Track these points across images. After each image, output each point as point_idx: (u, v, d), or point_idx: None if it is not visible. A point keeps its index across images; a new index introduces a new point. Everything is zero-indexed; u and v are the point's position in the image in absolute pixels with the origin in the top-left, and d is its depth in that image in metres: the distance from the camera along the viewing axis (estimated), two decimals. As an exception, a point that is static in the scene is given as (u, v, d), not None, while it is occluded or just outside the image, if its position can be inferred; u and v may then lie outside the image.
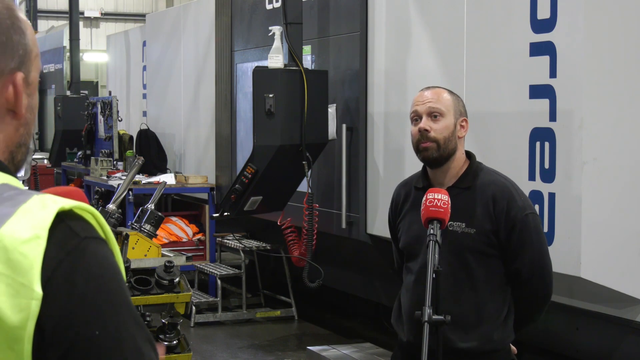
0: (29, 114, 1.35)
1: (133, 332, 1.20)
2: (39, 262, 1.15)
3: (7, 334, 1.14)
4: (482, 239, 3.19)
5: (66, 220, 1.20)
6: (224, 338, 7.56)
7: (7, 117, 1.33)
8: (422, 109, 3.27)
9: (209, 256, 8.90)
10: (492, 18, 5.24)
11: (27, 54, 1.34)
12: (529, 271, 3.20)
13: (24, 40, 1.33)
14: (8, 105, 1.32)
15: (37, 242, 1.16)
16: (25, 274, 1.15)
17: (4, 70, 1.31)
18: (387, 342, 6.91)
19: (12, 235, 1.16)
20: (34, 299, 1.14)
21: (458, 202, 3.19)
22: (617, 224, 4.65)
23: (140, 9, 23.42)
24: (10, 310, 1.14)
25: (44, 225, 1.17)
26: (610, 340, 5.04)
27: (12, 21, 1.32)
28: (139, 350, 1.20)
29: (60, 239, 1.18)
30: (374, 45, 6.42)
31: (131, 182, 5.38)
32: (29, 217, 1.18)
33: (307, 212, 6.66)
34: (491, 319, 3.22)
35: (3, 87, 1.31)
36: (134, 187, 8.53)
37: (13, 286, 1.14)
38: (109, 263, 1.22)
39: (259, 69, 6.58)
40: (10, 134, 1.34)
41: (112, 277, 1.21)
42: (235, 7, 8.39)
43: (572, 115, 4.64)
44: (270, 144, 6.50)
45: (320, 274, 6.70)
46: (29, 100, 1.35)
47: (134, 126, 11.18)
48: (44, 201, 1.20)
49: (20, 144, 1.35)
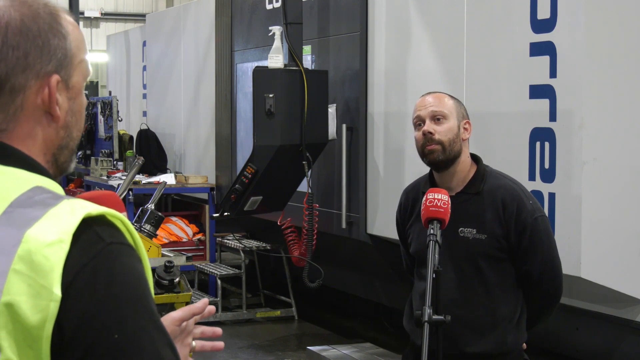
0: (69, 117, 1.39)
1: (154, 337, 1.22)
2: (60, 265, 1.18)
3: (26, 333, 1.18)
4: (494, 244, 3.21)
5: (93, 226, 1.23)
6: (224, 338, 7.48)
7: (45, 119, 1.36)
8: (424, 113, 3.28)
9: (209, 256, 8.89)
10: (492, 18, 5.24)
11: (67, 57, 1.37)
12: (540, 273, 3.23)
13: (64, 45, 1.37)
14: (44, 107, 1.36)
15: (60, 245, 1.19)
16: (46, 276, 1.18)
17: (40, 72, 1.34)
18: (387, 342, 6.92)
19: (37, 238, 1.20)
20: (52, 300, 1.17)
21: (468, 208, 3.22)
22: (617, 224, 4.65)
23: (140, 9, 23.42)
24: (30, 310, 1.18)
25: (69, 229, 1.20)
26: (610, 340, 5.04)
27: (51, 25, 1.36)
28: (159, 355, 1.22)
29: (85, 244, 1.21)
30: (374, 45, 6.42)
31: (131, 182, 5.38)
32: (56, 221, 1.21)
33: (307, 212, 6.66)
34: (505, 322, 3.25)
35: (40, 89, 1.35)
36: (134, 187, 8.53)
37: (34, 287, 1.18)
38: (133, 269, 1.24)
39: (259, 69, 6.57)
40: (50, 136, 1.37)
41: (135, 283, 1.23)
42: (235, 7, 8.39)
43: (572, 115, 4.64)
44: (270, 144, 6.50)
45: (320, 274, 6.70)
46: (70, 103, 1.38)
47: (134, 126, 11.18)
48: (73, 206, 1.24)
49: (62, 146, 1.39)
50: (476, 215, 3.23)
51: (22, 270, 1.18)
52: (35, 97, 1.34)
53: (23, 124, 1.35)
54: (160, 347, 1.22)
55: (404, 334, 3.56)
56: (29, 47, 1.33)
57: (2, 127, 1.34)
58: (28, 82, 1.34)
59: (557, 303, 3.36)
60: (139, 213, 4.47)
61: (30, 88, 1.34)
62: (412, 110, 3.38)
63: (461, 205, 3.21)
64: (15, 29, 1.33)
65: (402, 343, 6.27)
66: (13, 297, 1.18)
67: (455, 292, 3.21)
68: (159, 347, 1.22)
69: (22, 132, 1.35)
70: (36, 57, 1.34)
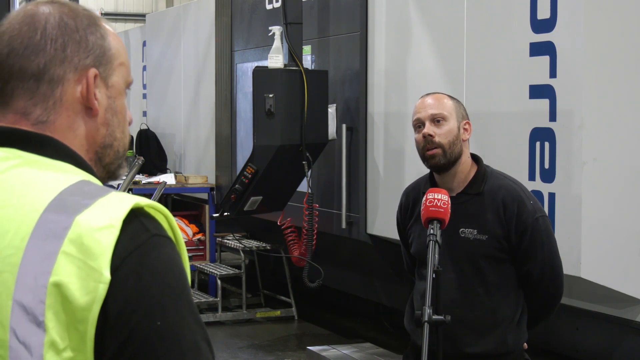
0: (109, 115, 1.41)
1: (193, 329, 1.24)
2: (110, 249, 1.21)
3: (74, 314, 1.20)
4: (495, 244, 3.21)
5: (140, 217, 1.26)
6: (224, 338, 7.56)
7: (85, 113, 1.39)
8: (424, 115, 3.29)
9: (209, 256, 8.89)
10: (492, 18, 5.24)
11: (105, 55, 1.40)
12: (541, 273, 3.23)
13: (102, 43, 1.40)
14: (83, 100, 1.38)
15: (110, 230, 1.22)
16: (97, 258, 1.20)
17: (78, 65, 1.37)
18: (387, 342, 6.92)
19: (88, 222, 1.22)
20: (102, 282, 1.20)
21: (469, 209, 3.23)
22: (617, 224, 4.65)
23: (140, 9, 23.40)
24: (79, 291, 1.19)
25: (118, 216, 1.23)
26: (610, 340, 5.04)
27: (89, 24, 1.40)
28: (197, 347, 1.24)
29: (132, 232, 1.24)
30: (374, 45, 6.42)
31: (131, 182, 5.38)
32: (106, 208, 1.24)
33: (307, 212, 6.66)
34: (505, 322, 3.25)
35: (78, 82, 1.38)
36: (134, 187, 8.53)
37: (84, 269, 1.20)
38: (174, 261, 1.27)
39: (259, 69, 6.57)
40: (91, 131, 1.40)
41: (176, 276, 1.26)
42: (235, 7, 8.39)
43: (572, 115, 4.64)
44: (270, 144, 6.50)
45: (320, 274, 6.69)
46: (109, 101, 1.41)
47: (134, 126, 11.16)
48: (122, 196, 1.27)
49: (104, 145, 1.42)
50: (477, 216, 3.23)
51: (72, 252, 1.20)
52: (74, 90, 1.37)
53: (63, 116, 1.37)
54: (199, 340, 1.24)
55: (404, 334, 3.56)
56: (67, 40, 1.37)
57: (42, 118, 1.36)
58: (66, 74, 1.37)
59: (557, 303, 3.36)
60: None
61: (69, 80, 1.37)
62: (412, 111, 3.38)
63: (462, 206, 3.22)
64: (54, 24, 1.37)
65: (402, 343, 6.28)
66: (62, 278, 1.19)
67: (455, 292, 3.22)
68: (197, 339, 1.24)
69: (63, 124, 1.37)
70: (74, 50, 1.37)
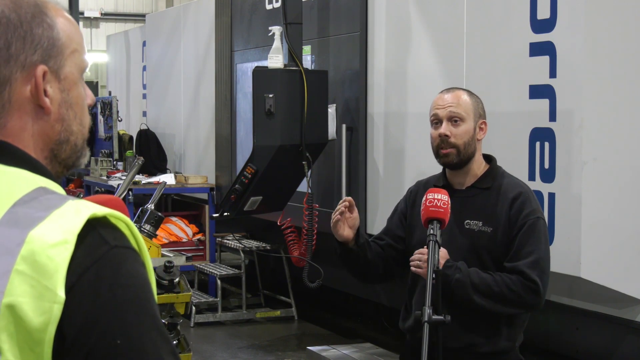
0: (64, 110, 1.34)
1: (156, 343, 1.19)
2: (64, 266, 1.15)
3: (29, 335, 1.14)
4: (498, 237, 3.23)
5: (98, 228, 1.20)
6: (224, 338, 7.56)
7: (36, 112, 1.31)
8: (442, 113, 3.30)
9: (209, 256, 8.89)
10: (492, 18, 5.24)
11: (55, 47, 1.32)
12: (529, 272, 3.21)
13: (51, 34, 1.31)
14: (33, 99, 1.31)
15: (64, 246, 1.16)
16: (50, 277, 1.14)
17: (25, 63, 1.30)
18: (387, 342, 6.91)
19: (41, 238, 1.16)
20: (56, 302, 1.14)
21: (476, 201, 3.26)
22: (617, 224, 4.65)
23: (140, 9, 23.40)
24: (33, 312, 1.14)
25: (73, 230, 1.17)
26: (610, 340, 5.04)
27: (34, 14, 1.31)
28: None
29: (89, 246, 1.18)
30: (374, 45, 6.42)
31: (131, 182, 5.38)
32: (61, 221, 1.18)
33: (307, 212, 6.66)
34: (503, 318, 3.25)
35: (26, 80, 1.30)
36: (134, 187, 8.53)
37: (37, 288, 1.14)
38: (137, 273, 1.21)
39: (258, 69, 6.57)
40: (45, 130, 1.32)
41: (139, 288, 1.20)
42: (235, 7, 8.39)
43: (572, 115, 4.64)
44: (270, 144, 6.50)
45: (320, 274, 6.69)
46: (62, 95, 1.33)
47: (134, 126, 11.17)
48: (78, 207, 1.20)
49: (60, 141, 1.34)
50: (484, 209, 3.26)
51: (25, 271, 1.14)
52: (22, 89, 1.30)
53: (14, 118, 1.30)
54: (163, 354, 1.19)
55: (404, 334, 3.56)
56: (10, 38, 1.28)
57: None
58: (13, 74, 1.29)
59: (526, 307, 3.24)
60: (138, 213, 4.46)
61: (17, 80, 1.29)
62: (429, 105, 3.38)
63: (470, 199, 3.26)
64: None
65: (402, 343, 6.27)
66: (15, 298, 1.14)
67: None
68: (162, 354, 1.19)
69: (15, 126, 1.30)
70: (19, 48, 1.29)
